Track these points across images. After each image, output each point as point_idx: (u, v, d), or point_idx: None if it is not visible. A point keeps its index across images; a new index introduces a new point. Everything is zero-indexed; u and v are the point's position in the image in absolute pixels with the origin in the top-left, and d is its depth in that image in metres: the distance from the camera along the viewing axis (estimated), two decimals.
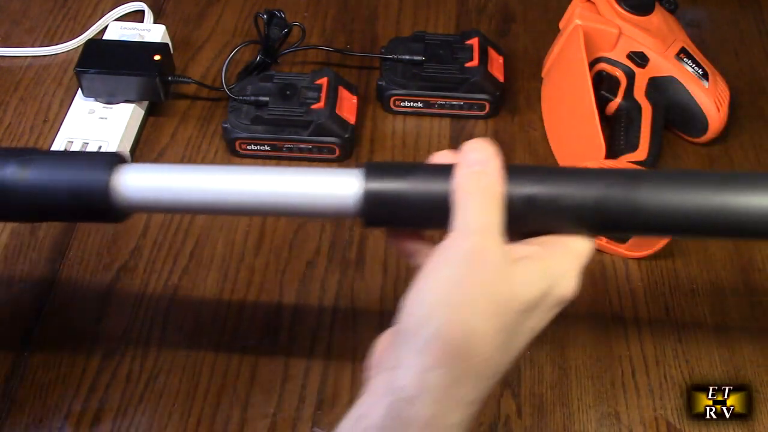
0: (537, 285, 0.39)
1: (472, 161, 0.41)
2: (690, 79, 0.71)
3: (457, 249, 0.38)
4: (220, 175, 0.43)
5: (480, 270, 0.37)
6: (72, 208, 0.42)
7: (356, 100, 0.74)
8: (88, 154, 0.44)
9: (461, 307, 0.37)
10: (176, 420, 0.57)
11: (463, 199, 0.39)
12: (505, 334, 0.38)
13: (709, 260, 0.66)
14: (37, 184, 0.42)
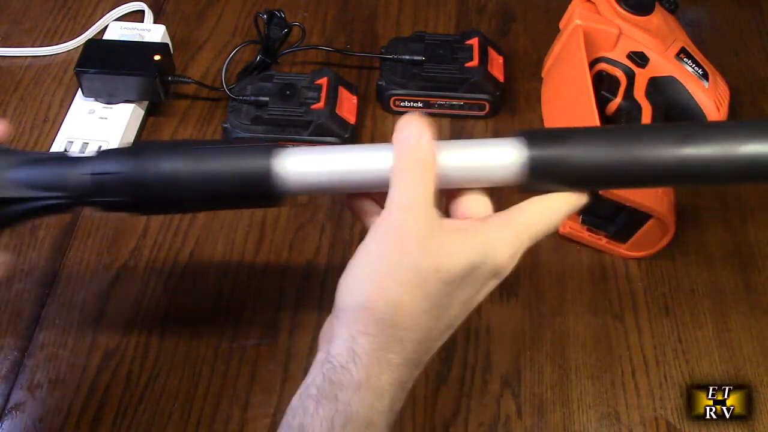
0: (465, 256, 0.40)
1: (404, 137, 0.42)
2: (690, 79, 0.71)
3: (383, 225, 0.40)
4: (373, 153, 0.44)
5: (402, 243, 0.39)
6: (240, 196, 0.45)
7: (356, 100, 0.74)
8: (247, 143, 0.46)
9: (383, 279, 0.39)
10: (176, 420, 0.57)
11: (395, 175, 0.41)
12: (430, 303, 0.40)
13: (709, 260, 0.66)
14: (208, 175, 0.44)
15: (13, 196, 0.43)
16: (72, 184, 0.43)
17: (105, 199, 0.44)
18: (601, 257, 0.66)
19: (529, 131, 0.44)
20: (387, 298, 0.39)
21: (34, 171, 0.44)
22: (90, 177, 0.43)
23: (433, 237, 0.40)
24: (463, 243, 0.40)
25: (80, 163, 0.44)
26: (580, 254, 0.66)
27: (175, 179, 0.43)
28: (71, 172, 0.43)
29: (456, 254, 0.40)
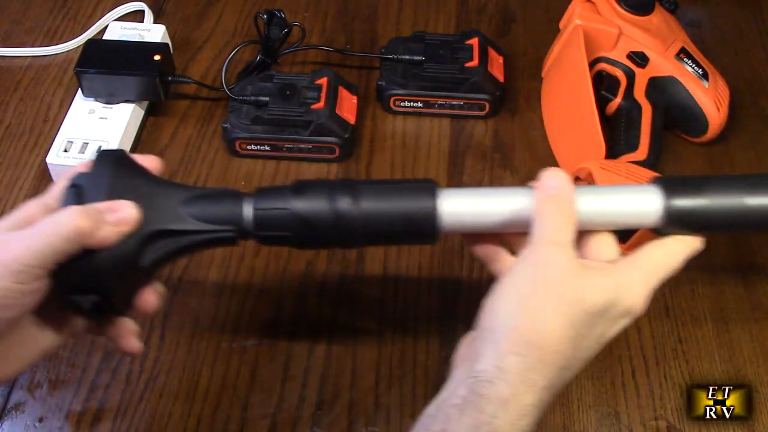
0: (603, 292, 0.43)
1: (549, 186, 0.46)
2: (690, 79, 0.71)
3: (532, 258, 0.43)
4: (524, 198, 0.47)
5: (550, 274, 0.42)
6: (402, 233, 0.48)
7: (356, 100, 0.74)
8: (408, 183, 0.49)
9: (533, 305, 0.42)
10: (176, 420, 0.57)
11: (540, 217, 0.45)
12: (574, 330, 0.42)
13: (709, 260, 0.66)
14: (372, 215, 0.47)
15: (187, 228, 0.45)
16: (238, 218, 0.46)
17: (268, 233, 0.47)
18: None
19: (664, 179, 0.48)
20: (537, 321, 0.41)
21: (205, 205, 0.46)
22: (255, 212, 0.46)
23: (577, 272, 0.43)
24: (601, 282, 0.43)
25: (246, 199, 0.47)
26: None
27: (338, 218, 0.46)
28: (238, 208, 0.46)
29: (596, 290, 0.43)
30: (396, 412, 0.57)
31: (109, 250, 0.42)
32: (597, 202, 0.47)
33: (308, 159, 0.72)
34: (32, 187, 0.70)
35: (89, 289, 0.43)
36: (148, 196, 0.45)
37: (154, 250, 0.45)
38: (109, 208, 0.43)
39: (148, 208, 0.44)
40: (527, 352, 0.41)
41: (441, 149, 0.73)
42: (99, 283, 0.43)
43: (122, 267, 0.44)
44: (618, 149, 0.68)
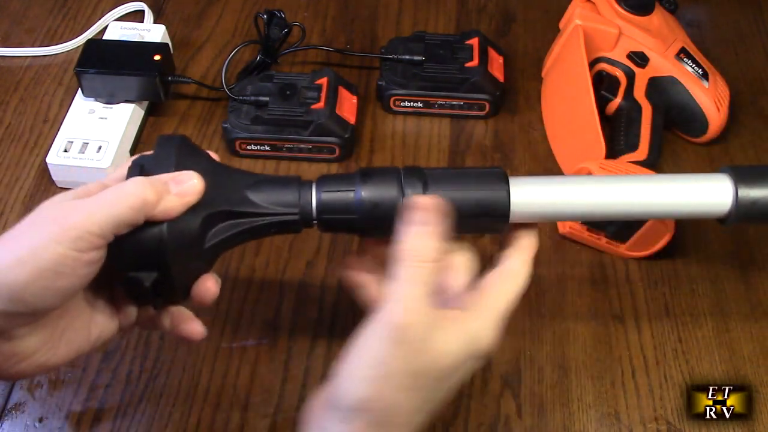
0: (457, 351, 0.42)
1: (414, 218, 0.43)
2: (690, 79, 0.71)
3: (385, 326, 0.41)
4: (594, 186, 0.47)
5: (402, 350, 0.40)
6: (472, 222, 0.46)
7: (356, 100, 0.74)
8: (477, 169, 0.48)
9: (383, 384, 0.40)
10: (176, 420, 0.57)
11: (400, 264, 0.42)
12: (424, 400, 0.42)
13: (709, 260, 0.66)
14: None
15: (252, 210, 0.45)
16: (304, 202, 0.46)
17: (333, 216, 0.46)
18: (601, 257, 0.66)
19: (733, 168, 0.48)
20: (385, 402, 0.40)
21: (269, 189, 0.46)
22: (322, 194, 0.46)
23: (433, 338, 0.41)
24: (456, 338, 0.42)
25: (311, 184, 0.46)
26: (580, 254, 0.66)
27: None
28: (304, 191, 0.46)
29: (450, 352, 0.42)
30: None
31: (173, 226, 0.41)
32: (664, 190, 0.46)
33: (308, 159, 0.72)
34: (32, 187, 0.70)
35: (150, 266, 0.42)
36: (213, 178, 0.44)
37: (217, 232, 0.44)
38: (173, 179, 0.42)
39: (213, 189, 0.44)
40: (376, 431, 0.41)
41: (441, 149, 0.73)
42: (161, 260, 0.42)
43: (186, 245, 0.42)
44: (618, 149, 0.68)
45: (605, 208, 0.48)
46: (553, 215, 0.47)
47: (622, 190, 0.48)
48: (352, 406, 0.41)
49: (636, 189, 0.48)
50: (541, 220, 0.48)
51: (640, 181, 0.49)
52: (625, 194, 0.48)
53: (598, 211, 0.47)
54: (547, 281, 0.65)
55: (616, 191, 0.48)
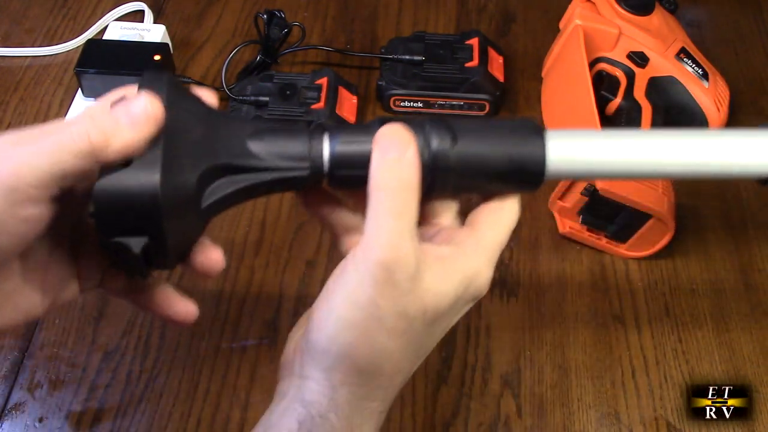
0: (450, 292, 0.38)
1: (386, 147, 0.37)
2: (690, 79, 0.71)
3: (367, 264, 0.36)
4: (644, 140, 0.43)
5: (389, 288, 0.36)
6: (502, 179, 0.41)
7: (356, 100, 0.74)
8: (509, 122, 0.42)
9: (369, 327, 0.36)
10: (176, 420, 0.57)
11: (376, 197, 0.37)
12: (415, 345, 0.38)
13: (709, 260, 0.66)
14: (471, 155, 0.40)
15: (255, 165, 0.39)
16: (316, 154, 0.39)
17: (348, 172, 0.40)
18: (601, 257, 0.66)
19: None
20: (373, 348, 0.37)
21: (274, 139, 0.40)
22: (337, 146, 0.39)
23: (420, 277, 0.37)
24: (447, 277, 0.38)
25: (323, 133, 0.40)
26: (580, 254, 0.66)
27: (433, 157, 0.39)
28: (315, 141, 0.40)
29: (442, 292, 0.38)
30: (396, 412, 0.57)
31: (168, 181, 0.35)
32: (715, 146, 0.43)
33: None
34: None
35: (140, 229, 0.36)
36: (210, 128, 0.39)
37: (215, 189, 0.38)
38: (125, 111, 0.35)
39: (211, 141, 0.38)
40: (361, 382, 0.37)
41: None
42: (154, 222, 0.36)
43: (181, 204, 0.37)
44: None
45: (649, 166, 0.43)
46: (590, 173, 0.44)
47: (670, 145, 0.44)
48: (335, 352, 0.37)
49: (688, 144, 0.44)
50: (579, 177, 0.44)
51: (694, 135, 0.45)
52: (674, 150, 0.44)
53: (641, 169, 0.43)
54: (547, 281, 0.65)
55: (664, 146, 0.43)
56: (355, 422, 0.37)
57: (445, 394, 0.58)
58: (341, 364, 0.37)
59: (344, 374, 0.37)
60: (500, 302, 0.63)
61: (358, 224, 0.41)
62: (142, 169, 0.35)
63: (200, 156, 0.37)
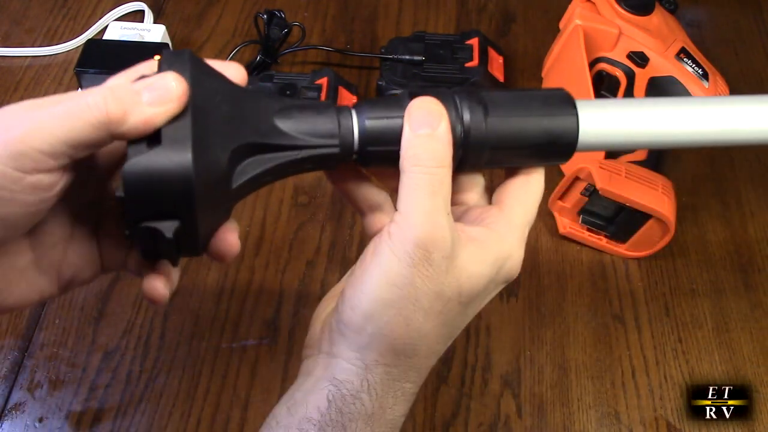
0: (484, 275, 0.37)
1: (418, 121, 0.37)
2: (690, 79, 0.71)
3: (404, 243, 0.36)
4: (679, 108, 0.42)
5: (426, 268, 0.36)
6: (535, 151, 0.40)
7: (356, 100, 0.74)
8: (539, 92, 0.41)
9: (405, 307, 0.36)
10: (176, 420, 0.57)
11: (409, 174, 0.36)
12: (449, 327, 0.38)
13: (709, 260, 0.66)
14: (503, 128, 0.39)
15: (284, 143, 0.38)
16: (346, 130, 0.38)
17: (379, 148, 0.38)
18: (601, 257, 0.66)
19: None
20: (409, 327, 0.36)
21: (302, 116, 0.38)
22: (366, 121, 0.38)
23: (456, 257, 0.36)
24: (481, 259, 0.37)
25: (351, 110, 0.39)
26: (580, 254, 0.66)
27: (465, 130, 0.38)
28: (344, 118, 0.39)
29: (477, 273, 0.37)
30: None
31: (200, 161, 0.33)
32: (747, 112, 0.42)
33: None
34: None
35: (172, 213, 0.34)
36: (236, 106, 0.37)
37: (244, 169, 0.37)
38: (147, 86, 0.33)
39: (238, 119, 0.37)
40: (397, 362, 0.36)
41: None
42: (187, 205, 0.34)
43: (213, 185, 0.35)
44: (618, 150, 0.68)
45: (679, 135, 0.43)
46: (621, 143, 0.42)
47: (698, 113, 0.43)
48: (370, 331, 0.36)
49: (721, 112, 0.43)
50: (611, 148, 0.43)
51: (724, 103, 0.44)
52: (704, 118, 0.43)
53: (673, 138, 0.42)
54: (547, 281, 0.65)
55: (695, 114, 0.43)
56: (388, 403, 0.36)
57: (445, 394, 0.58)
58: (377, 344, 0.36)
59: (379, 354, 0.36)
60: (500, 302, 0.63)
61: (384, 202, 0.41)
62: (172, 150, 0.33)
63: (229, 135, 0.36)
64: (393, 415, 0.37)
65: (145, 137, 0.33)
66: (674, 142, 0.42)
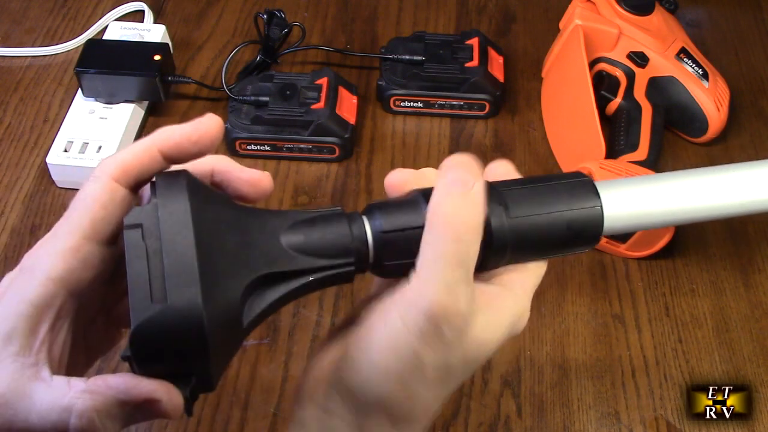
0: (496, 338, 0.36)
1: (452, 180, 0.34)
2: (690, 79, 0.71)
3: (416, 314, 0.33)
4: (705, 178, 0.41)
5: (435, 342, 0.34)
6: (560, 244, 0.39)
7: (356, 100, 0.74)
8: (558, 178, 0.39)
9: (408, 380, 0.34)
10: (176, 420, 0.57)
11: (435, 235, 0.34)
12: (450, 388, 0.37)
13: (709, 260, 0.66)
14: (526, 225, 0.37)
15: (297, 268, 0.35)
16: (359, 245, 0.36)
17: (398, 262, 0.36)
18: (601, 257, 0.66)
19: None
20: (409, 398, 0.35)
21: (311, 233, 0.35)
22: (381, 235, 0.36)
23: (472, 325, 0.34)
24: (497, 326, 0.36)
25: (363, 219, 0.36)
26: (580, 254, 0.66)
27: (489, 233, 0.36)
28: (357, 230, 0.36)
29: (488, 340, 0.36)
30: None
31: (212, 305, 0.31)
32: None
33: (308, 159, 0.72)
34: (32, 187, 0.70)
35: (186, 369, 0.32)
36: (243, 232, 0.34)
37: (255, 303, 0.34)
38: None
39: (246, 249, 0.34)
40: (394, 428, 0.35)
41: (441, 149, 0.73)
42: (200, 361, 0.31)
43: (226, 332, 0.32)
44: (618, 149, 0.68)
45: (707, 210, 0.41)
46: (651, 224, 0.41)
47: (724, 183, 0.41)
48: (369, 399, 0.35)
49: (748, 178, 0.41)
50: (637, 229, 0.43)
51: (752, 167, 0.42)
52: (731, 188, 0.41)
53: (702, 213, 0.41)
54: (547, 281, 0.64)
55: (721, 185, 0.41)
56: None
57: None
58: (376, 411, 0.35)
59: (376, 421, 0.35)
60: None
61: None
62: (180, 302, 0.30)
63: (238, 271, 0.33)
64: None
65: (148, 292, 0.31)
66: (703, 216, 0.41)
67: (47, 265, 0.33)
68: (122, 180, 0.35)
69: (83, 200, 0.34)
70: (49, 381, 0.32)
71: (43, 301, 0.33)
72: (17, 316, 0.32)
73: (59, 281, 0.33)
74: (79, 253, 0.34)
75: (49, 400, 0.31)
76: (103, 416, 0.31)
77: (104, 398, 0.31)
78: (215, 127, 0.37)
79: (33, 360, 0.32)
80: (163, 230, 0.32)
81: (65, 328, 0.34)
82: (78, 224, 0.34)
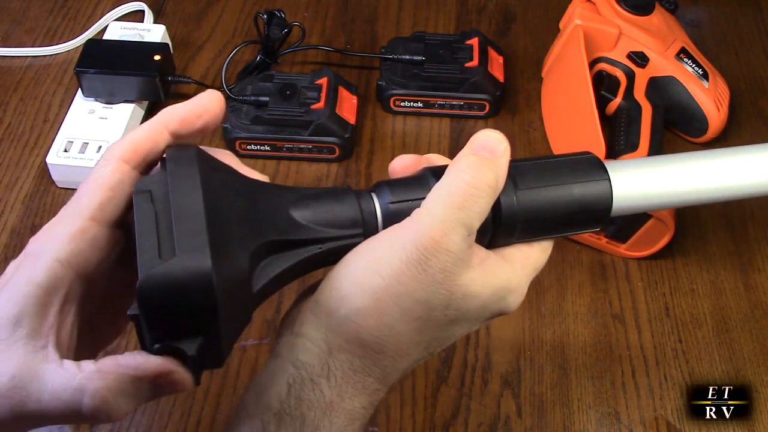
0: (481, 297, 0.36)
1: (480, 145, 0.36)
2: (690, 79, 0.71)
3: (404, 240, 0.34)
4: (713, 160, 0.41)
5: (417, 271, 0.34)
6: (569, 221, 0.39)
7: (356, 100, 0.74)
8: (566, 158, 0.40)
9: (383, 300, 0.34)
10: (176, 420, 0.57)
11: (448, 178, 0.35)
12: (428, 336, 0.36)
13: (709, 260, 0.66)
14: (535, 201, 0.38)
15: (306, 237, 0.36)
16: (369, 216, 0.37)
17: None
18: (601, 257, 0.66)
19: None
20: (380, 321, 0.35)
21: (320, 206, 0.36)
22: (390, 206, 0.37)
23: (457, 275, 0.35)
24: (484, 283, 0.36)
25: (371, 193, 0.37)
26: (580, 254, 0.66)
27: (495, 207, 0.37)
28: (366, 203, 0.37)
29: (472, 294, 0.36)
30: (396, 412, 0.57)
31: (221, 268, 0.31)
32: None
33: (308, 159, 0.72)
34: (32, 187, 0.70)
35: (194, 329, 0.32)
36: (250, 201, 0.35)
37: (264, 270, 0.35)
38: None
39: (254, 216, 0.34)
40: (361, 353, 0.35)
41: (441, 149, 0.73)
42: (209, 318, 0.31)
43: (235, 292, 0.32)
44: (618, 149, 0.68)
45: (718, 190, 0.42)
46: (660, 203, 0.41)
47: (734, 164, 0.42)
48: (341, 314, 0.35)
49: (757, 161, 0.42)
50: (647, 209, 0.43)
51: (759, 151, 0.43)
52: (740, 169, 0.42)
53: (710, 194, 0.42)
54: (547, 281, 0.65)
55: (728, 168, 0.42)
56: (347, 392, 0.36)
57: (445, 394, 0.58)
58: (345, 329, 0.35)
59: (345, 340, 0.35)
60: None
61: None
62: (189, 259, 0.30)
63: (246, 235, 0.34)
64: (352, 405, 0.36)
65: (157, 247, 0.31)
66: (711, 197, 0.41)
67: (55, 246, 0.33)
68: (132, 161, 0.35)
69: (91, 183, 0.35)
70: (60, 363, 0.32)
71: (51, 283, 0.32)
72: (26, 298, 0.32)
73: (67, 263, 0.33)
74: (86, 234, 0.34)
75: (61, 381, 0.31)
76: (116, 395, 0.31)
77: (115, 377, 0.31)
78: (216, 101, 0.39)
79: (43, 342, 0.32)
80: (173, 192, 0.32)
81: (73, 312, 0.34)
82: (86, 206, 0.34)
